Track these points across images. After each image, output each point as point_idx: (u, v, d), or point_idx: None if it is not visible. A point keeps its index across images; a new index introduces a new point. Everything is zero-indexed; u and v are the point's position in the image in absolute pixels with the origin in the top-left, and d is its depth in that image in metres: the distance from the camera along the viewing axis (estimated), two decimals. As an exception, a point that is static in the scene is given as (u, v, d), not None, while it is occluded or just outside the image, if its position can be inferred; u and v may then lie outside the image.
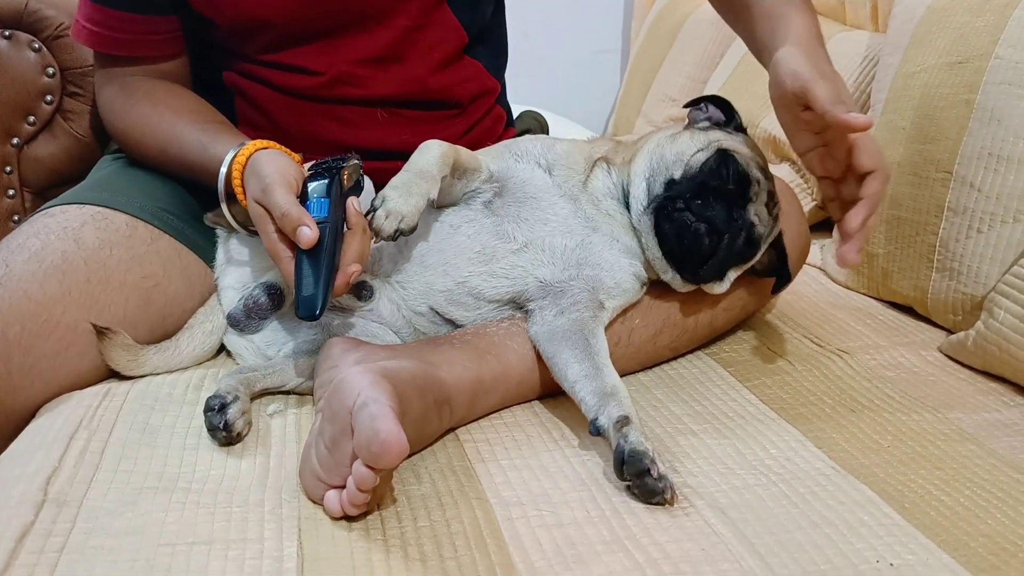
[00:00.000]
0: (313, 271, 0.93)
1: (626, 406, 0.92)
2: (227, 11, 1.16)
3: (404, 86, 1.22)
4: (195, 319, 1.16)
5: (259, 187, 0.99)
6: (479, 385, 1.01)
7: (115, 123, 1.24)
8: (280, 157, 1.03)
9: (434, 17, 1.22)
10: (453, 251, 1.07)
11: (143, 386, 1.06)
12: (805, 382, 1.14)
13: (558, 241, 1.07)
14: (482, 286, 1.07)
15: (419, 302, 1.08)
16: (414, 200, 0.98)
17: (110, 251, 1.10)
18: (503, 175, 1.09)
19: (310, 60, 1.19)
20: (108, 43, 1.20)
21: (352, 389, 0.83)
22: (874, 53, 1.68)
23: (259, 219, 0.98)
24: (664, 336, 1.13)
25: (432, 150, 1.02)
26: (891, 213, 1.38)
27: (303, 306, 0.92)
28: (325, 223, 0.95)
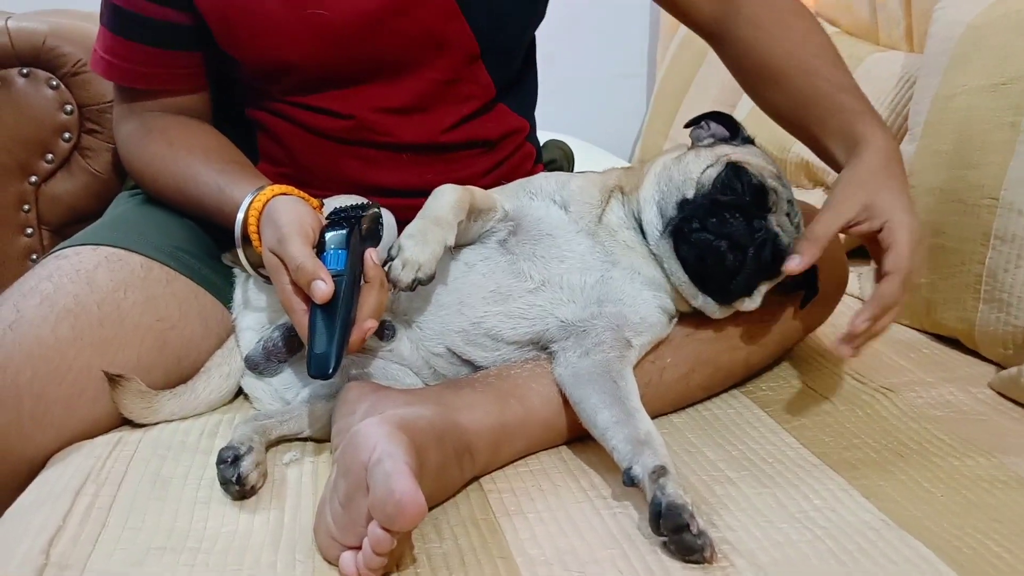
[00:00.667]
0: (327, 327, 0.89)
1: (662, 455, 0.87)
2: (253, 53, 1.13)
3: (429, 136, 1.19)
4: (212, 362, 1.12)
5: (275, 237, 0.95)
6: (502, 431, 0.96)
7: (132, 160, 1.21)
8: (297, 205, 0.99)
9: (466, 73, 1.18)
10: (468, 290, 1.03)
11: (156, 433, 1.02)
12: (848, 423, 1.08)
13: (576, 278, 1.03)
14: (499, 327, 1.02)
15: (435, 342, 1.04)
16: (431, 248, 0.94)
17: (124, 293, 1.07)
18: (518, 214, 1.05)
19: (336, 104, 1.16)
20: (127, 76, 1.17)
21: (367, 443, 0.79)
22: (910, 74, 1.63)
23: (274, 270, 0.95)
24: (697, 375, 1.08)
25: (446, 195, 0.98)
26: (934, 242, 1.32)
27: (315, 364, 0.88)
28: (341, 276, 0.91)
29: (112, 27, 1.14)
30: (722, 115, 1.15)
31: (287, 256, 0.93)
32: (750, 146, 1.11)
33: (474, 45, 1.16)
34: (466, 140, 1.22)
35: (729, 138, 1.13)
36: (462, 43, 1.16)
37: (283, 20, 1.10)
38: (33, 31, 1.42)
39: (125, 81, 1.18)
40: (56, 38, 1.43)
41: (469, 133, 1.22)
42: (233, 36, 1.12)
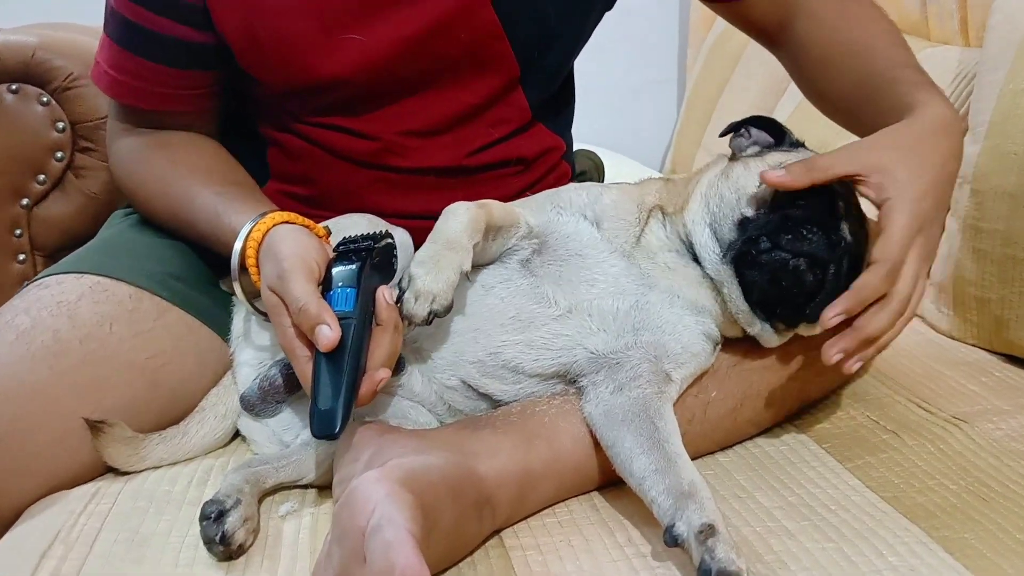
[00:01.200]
0: (333, 378, 0.79)
1: (709, 510, 0.75)
2: (281, 76, 1.02)
3: (454, 159, 1.09)
4: (207, 400, 1.02)
5: (275, 272, 0.85)
6: (527, 477, 0.85)
7: (125, 179, 1.11)
8: (301, 236, 0.89)
9: (504, 96, 1.09)
10: (483, 316, 0.92)
11: (138, 483, 0.92)
12: (919, 460, 0.95)
13: (608, 304, 0.91)
14: (519, 358, 0.91)
15: (448, 374, 0.93)
16: (444, 275, 0.83)
17: (110, 328, 0.98)
18: (544, 230, 0.94)
19: (360, 124, 1.06)
20: (133, 94, 1.06)
21: (365, 504, 0.68)
22: (967, 70, 1.49)
23: (273, 309, 0.85)
24: (746, 410, 0.96)
25: (459, 216, 0.87)
26: (1005, 252, 1.19)
27: (319, 422, 0.78)
28: (350, 319, 0.81)
29: (119, 40, 1.03)
30: (764, 119, 1.04)
31: (288, 296, 0.82)
32: (802, 150, 0.99)
33: (515, 67, 1.07)
34: (497, 161, 1.12)
35: (775, 144, 1.01)
36: (503, 65, 1.06)
37: (316, 43, 1.00)
38: (21, 44, 1.34)
39: (130, 100, 1.08)
40: (46, 51, 1.34)
41: (500, 154, 1.12)
42: (260, 58, 1.02)
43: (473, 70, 1.05)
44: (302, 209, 1.09)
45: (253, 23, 0.99)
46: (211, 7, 0.99)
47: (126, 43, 1.03)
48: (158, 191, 1.06)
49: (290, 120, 1.08)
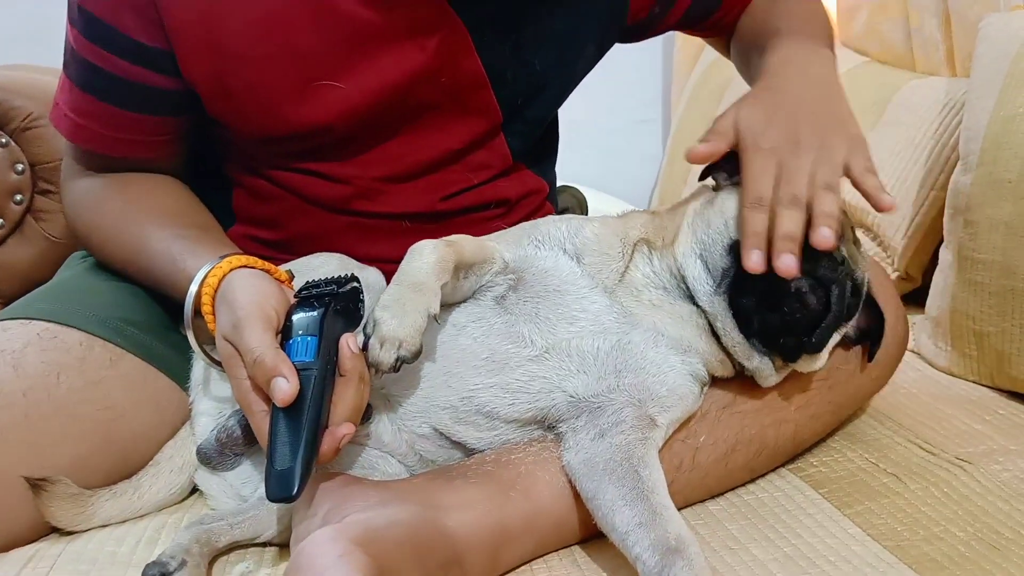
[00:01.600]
0: (291, 435, 0.72)
1: (698, 567, 0.69)
2: (255, 124, 0.97)
3: (430, 204, 1.05)
4: (162, 454, 0.96)
5: (230, 321, 0.79)
6: (502, 534, 0.78)
7: (78, 222, 1.05)
8: (259, 281, 0.84)
9: (485, 142, 1.05)
10: (455, 358, 0.86)
11: (81, 544, 0.85)
12: (923, 506, 0.89)
13: (588, 343, 0.85)
14: (494, 402, 0.85)
15: (418, 421, 0.86)
16: (410, 319, 0.78)
17: (58, 378, 0.91)
18: (520, 265, 0.88)
19: (334, 169, 1.01)
20: (95, 141, 1.01)
21: (312, 568, 0.62)
22: (955, 100, 1.47)
23: (229, 361, 0.79)
24: (738, 456, 0.90)
25: (425, 255, 0.81)
26: (1002, 283, 1.14)
27: (276, 484, 0.71)
28: (311, 370, 0.75)
29: (81, 83, 0.97)
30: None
31: (243, 346, 0.77)
32: None
33: (498, 115, 1.04)
34: (476, 204, 1.07)
35: None
36: (486, 112, 1.03)
37: (292, 92, 0.95)
38: (-17, 85, 1.29)
39: (91, 146, 1.02)
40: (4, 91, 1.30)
41: (479, 197, 1.07)
42: (232, 107, 0.97)
43: (455, 116, 1.02)
44: (269, 254, 1.03)
45: (224, 71, 0.94)
46: (178, 53, 0.93)
47: (88, 87, 0.97)
48: (112, 235, 1.01)
49: (259, 164, 1.03)
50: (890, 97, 1.61)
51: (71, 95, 0.99)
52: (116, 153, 1.01)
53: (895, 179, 1.50)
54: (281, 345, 0.78)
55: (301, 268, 0.95)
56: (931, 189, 1.46)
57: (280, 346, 0.78)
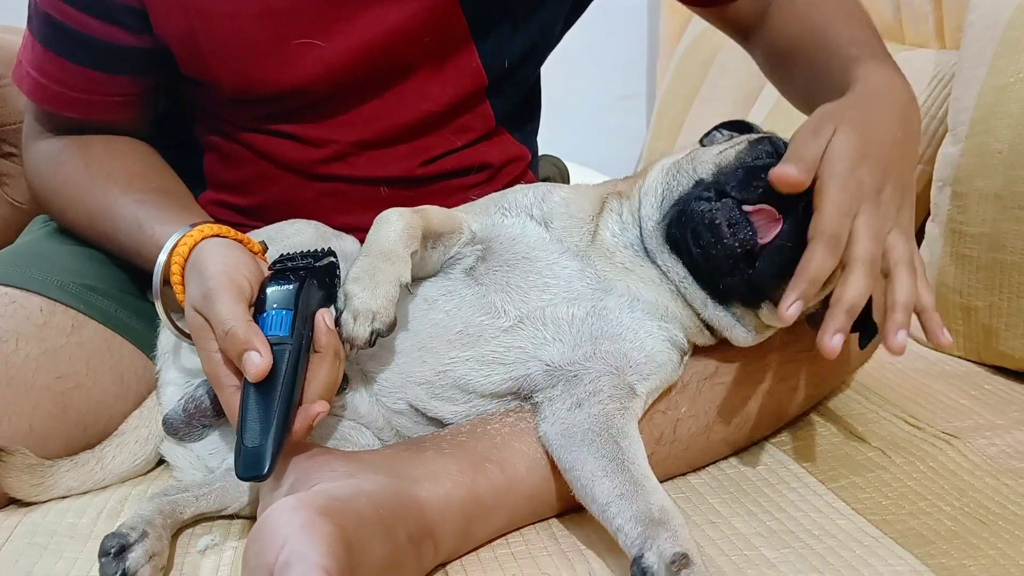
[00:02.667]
0: (262, 412, 0.70)
1: (682, 538, 0.67)
2: (230, 83, 0.93)
3: (408, 169, 1.01)
4: (127, 423, 0.93)
5: (200, 291, 0.76)
6: (475, 506, 0.75)
7: (39, 185, 1.01)
8: (232, 251, 0.80)
9: (470, 105, 1.01)
10: (429, 332, 0.83)
11: (39, 516, 0.82)
12: (909, 481, 0.87)
13: (562, 311, 0.82)
14: (470, 376, 0.82)
15: (394, 398, 0.83)
16: (383, 290, 0.75)
17: (15, 344, 0.88)
18: (488, 234, 0.85)
19: (311, 132, 0.97)
20: (59, 101, 0.97)
21: (275, 537, 0.59)
22: (944, 72, 1.44)
23: (198, 332, 0.76)
24: (719, 427, 0.87)
25: (392, 223, 0.79)
26: (991, 256, 1.12)
27: (246, 462, 0.68)
28: (285, 345, 0.72)
29: (44, 40, 0.93)
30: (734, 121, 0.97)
31: (214, 318, 0.73)
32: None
33: (483, 78, 0.99)
34: (457, 168, 1.03)
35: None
36: (470, 76, 0.99)
37: (270, 50, 0.91)
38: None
39: (54, 106, 0.98)
40: (-35, 50, 1.24)
41: (459, 161, 1.03)
42: (207, 66, 0.92)
43: (438, 78, 0.98)
44: (240, 220, 1.00)
45: (199, 28, 0.90)
46: (151, 10, 0.89)
47: (52, 44, 0.93)
48: (74, 199, 0.96)
49: (231, 126, 0.99)
50: (878, 70, 1.58)
51: (34, 53, 0.95)
52: (80, 114, 0.97)
53: (882, 153, 1.48)
54: (254, 318, 0.75)
55: (275, 235, 0.92)
56: (919, 163, 1.43)
57: (253, 319, 0.74)
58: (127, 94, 0.97)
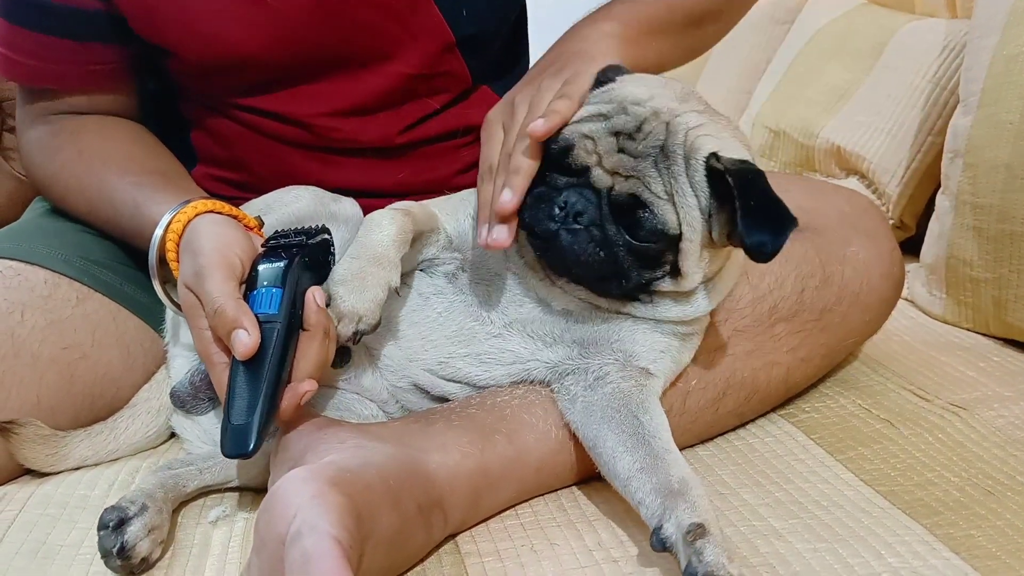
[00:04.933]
0: (250, 390, 0.69)
1: (701, 508, 0.67)
2: (186, 47, 0.92)
3: (396, 137, 1.00)
4: (139, 396, 0.94)
5: (192, 268, 0.76)
6: (483, 477, 0.76)
7: (36, 172, 1.00)
8: (224, 228, 0.80)
9: (441, 65, 0.99)
10: (428, 325, 0.83)
11: (51, 487, 0.83)
12: (917, 452, 0.87)
13: (540, 326, 0.82)
14: (469, 370, 0.82)
15: (399, 375, 0.84)
16: (371, 293, 0.75)
17: (21, 316, 0.88)
18: (461, 244, 0.84)
19: (286, 106, 0.96)
20: (33, 75, 0.96)
21: (285, 508, 0.59)
22: (955, 41, 1.43)
23: (190, 311, 0.76)
24: (729, 400, 0.87)
25: (384, 227, 0.77)
26: (1000, 228, 1.11)
27: (232, 439, 0.68)
28: (274, 323, 0.72)
29: (10, 16, 0.93)
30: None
31: (204, 296, 0.73)
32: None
33: (447, 33, 0.98)
34: (440, 133, 1.02)
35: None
36: (434, 32, 0.97)
37: (221, 9, 0.90)
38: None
39: (30, 81, 0.97)
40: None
41: (441, 125, 1.02)
42: (155, 27, 0.91)
43: (402, 39, 0.96)
44: (234, 194, 0.99)
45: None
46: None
47: (18, 18, 0.93)
48: (72, 186, 0.96)
49: (211, 103, 0.99)
50: (887, 40, 1.56)
51: (3, 32, 0.94)
52: (56, 85, 0.97)
53: (892, 123, 1.47)
54: (245, 296, 0.74)
55: (273, 203, 0.92)
56: (928, 134, 1.42)
57: (244, 297, 0.74)
58: (101, 63, 0.96)
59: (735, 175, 0.72)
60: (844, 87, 1.59)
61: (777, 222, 0.72)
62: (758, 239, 0.72)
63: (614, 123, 0.75)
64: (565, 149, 0.76)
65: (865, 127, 1.51)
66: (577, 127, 0.77)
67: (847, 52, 1.63)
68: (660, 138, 0.74)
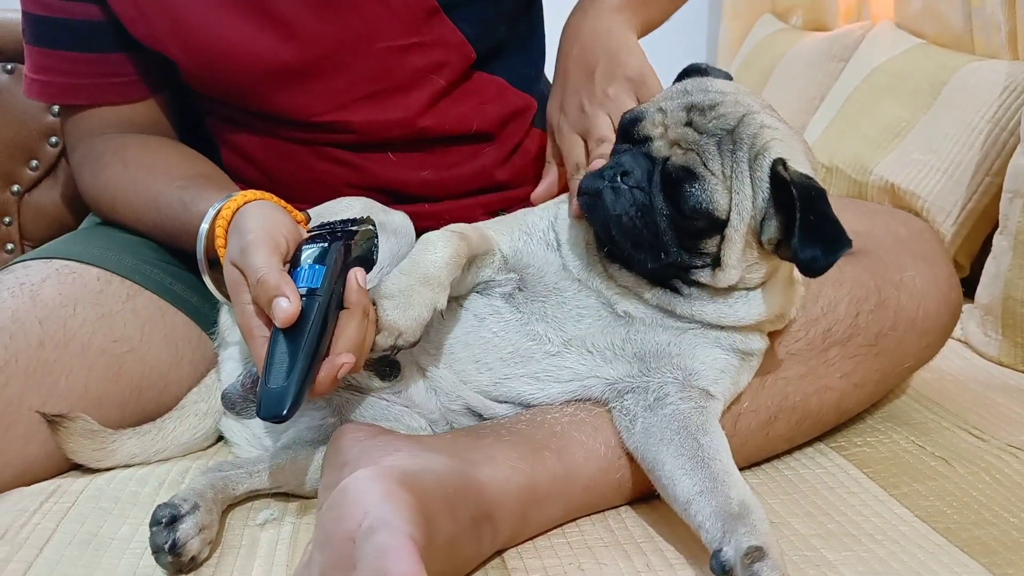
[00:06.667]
0: (288, 357, 0.70)
1: (760, 532, 0.66)
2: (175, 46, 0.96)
3: (406, 124, 1.00)
4: (188, 398, 0.94)
5: (238, 246, 0.77)
6: (532, 493, 0.75)
7: (85, 188, 1.04)
8: (272, 211, 0.81)
9: (428, 32, 0.98)
10: (482, 347, 0.83)
11: (104, 482, 0.83)
12: (972, 490, 0.85)
13: (600, 339, 0.81)
14: (526, 390, 0.82)
15: (451, 397, 0.84)
16: (415, 312, 0.75)
17: (74, 309, 0.90)
18: (517, 263, 0.84)
19: (291, 108, 0.98)
20: (62, 92, 1.02)
21: (356, 505, 0.59)
22: (1016, 83, 1.41)
23: (234, 286, 0.76)
24: (780, 424, 0.86)
25: (438, 249, 0.77)
26: (1062, 269, 1.09)
27: (266, 402, 0.68)
28: (315, 296, 0.72)
29: (36, 40, 0.99)
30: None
31: (247, 267, 0.74)
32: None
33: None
34: (453, 121, 1.02)
35: None
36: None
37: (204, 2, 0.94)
38: (19, 23, 1.26)
39: (61, 98, 1.04)
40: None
41: (452, 112, 1.02)
42: (150, 30, 0.95)
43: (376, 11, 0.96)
44: None
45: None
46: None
47: (42, 40, 0.99)
48: (119, 196, 0.99)
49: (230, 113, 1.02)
50: (947, 79, 1.55)
51: (31, 58, 1.01)
52: (88, 100, 1.01)
53: (948, 163, 1.45)
54: (289, 273, 0.75)
55: (324, 212, 0.93)
56: (986, 175, 1.41)
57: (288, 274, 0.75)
58: (117, 73, 1.00)
59: (799, 187, 0.72)
60: (900, 125, 1.58)
61: (832, 240, 0.73)
62: (811, 254, 0.72)
63: (691, 99, 0.77)
64: (636, 119, 0.79)
65: (920, 165, 1.49)
66: (656, 100, 0.80)
67: (904, 90, 1.62)
68: (731, 123, 0.76)
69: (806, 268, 0.73)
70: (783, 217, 0.74)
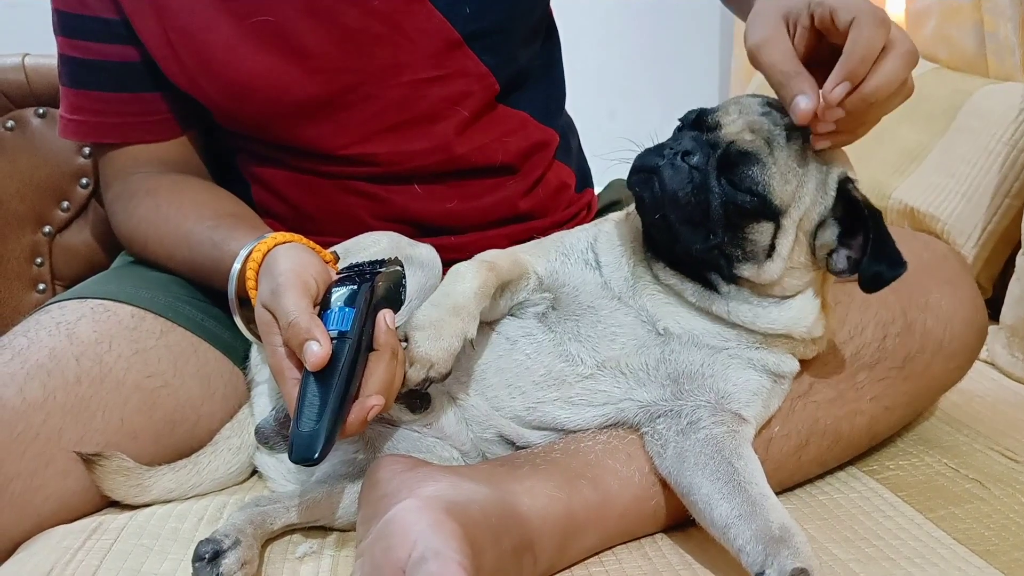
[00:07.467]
0: (319, 400, 0.71)
1: (804, 555, 0.67)
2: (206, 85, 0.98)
3: (431, 155, 1.02)
4: (221, 434, 0.95)
5: (269, 288, 0.79)
6: (570, 522, 0.75)
7: (119, 228, 1.06)
8: (301, 253, 0.83)
9: (452, 64, 1.00)
10: (515, 371, 0.84)
11: (144, 519, 0.84)
12: (1010, 512, 0.85)
13: (634, 360, 0.82)
14: (560, 415, 0.83)
15: (483, 426, 0.84)
16: (445, 343, 0.76)
17: (109, 346, 0.92)
18: (553, 282, 0.85)
19: (317, 140, 1.00)
20: (96, 131, 1.05)
21: (405, 535, 0.60)
22: (1033, 105, 1.42)
23: (265, 328, 0.78)
24: (812, 448, 0.86)
25: (467, 280, 0.79)
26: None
27: (298, 445, 0.69)
28: (345, 339, 0.73)
29: (71, 82, 1.03)
30: None
31: (279, 310, 0.76)
32: None
33: (449, 30, 0.99)
34: (476, 152, 1.03)
35: None
36: (432, 32, 0.99)
37: (231, 38, 0.96)
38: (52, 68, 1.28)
39: (95, 136, 1.07)
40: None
41: (476, 143, 1.03)
42: (180, 66, 0.98)
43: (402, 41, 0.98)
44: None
45: (167, 27, 0.96)
46: (131, 18, 0.97)
47: (77, 82, 1.02)
48: (151, 235, 1.01)
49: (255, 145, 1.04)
50: (961, 103, 1.56)
51: (66, 100, 1.04)
52: (120, 139, 1.04)
53: (967, 186, 1.46)
54: (319, 315, 0.76)
55: (351, 247, 0.94)
56: (1005, 196, 1.41)
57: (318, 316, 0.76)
58: (150, 112, 1.03)
59: (869, 206, 0.78)
60: (916, 149, 1.59)
61: (894, 258, 0.78)
62: (876, 268, 0.77)
63: (771, 98, 0.80)
64: (710, 110, 0.81)
65: (939, 189, 1.50)
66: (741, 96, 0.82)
67: (919, 114, 1.63)
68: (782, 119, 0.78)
69: (870, 282, 0.78)
70: (841, 230, 0.79)
